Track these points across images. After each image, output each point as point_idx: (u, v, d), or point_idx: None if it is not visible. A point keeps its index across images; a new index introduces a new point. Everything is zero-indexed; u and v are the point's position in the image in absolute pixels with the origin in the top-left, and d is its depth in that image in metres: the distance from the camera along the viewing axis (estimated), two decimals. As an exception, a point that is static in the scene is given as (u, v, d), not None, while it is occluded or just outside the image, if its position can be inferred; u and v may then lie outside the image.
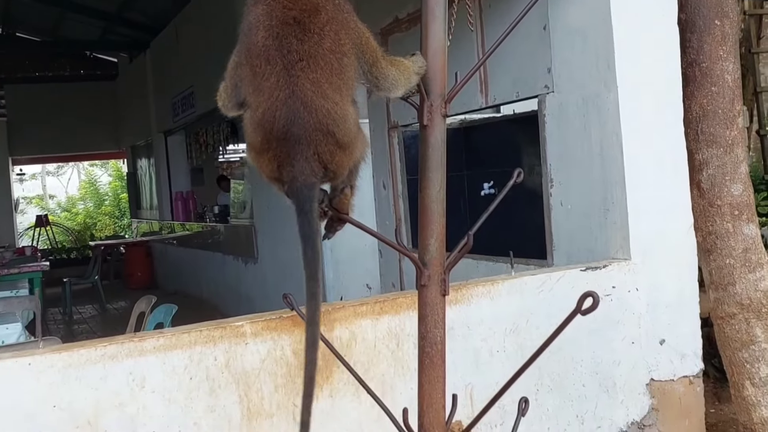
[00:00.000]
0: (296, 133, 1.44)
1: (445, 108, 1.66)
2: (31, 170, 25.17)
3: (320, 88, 1.46)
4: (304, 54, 1.47)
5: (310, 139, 1.44)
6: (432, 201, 1.63)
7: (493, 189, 5.36)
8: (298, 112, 1.45)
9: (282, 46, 1.47)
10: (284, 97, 1.46)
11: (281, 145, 1.44)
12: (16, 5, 13.46)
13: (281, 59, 1.47)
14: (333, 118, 1.46)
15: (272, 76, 1.47)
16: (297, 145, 1.44)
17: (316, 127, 1.44)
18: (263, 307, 9.56)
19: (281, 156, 1.45)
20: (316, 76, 1.47)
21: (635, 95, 3.50)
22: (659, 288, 3.56)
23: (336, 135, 1.46)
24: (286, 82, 1.45)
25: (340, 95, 1.49)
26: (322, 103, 1.46)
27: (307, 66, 1.46)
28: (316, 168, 1.44)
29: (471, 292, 3.13)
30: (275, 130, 1.45)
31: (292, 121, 1.44)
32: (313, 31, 1.48)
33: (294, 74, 1.46)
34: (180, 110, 12.12)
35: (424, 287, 1.63)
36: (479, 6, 4.44)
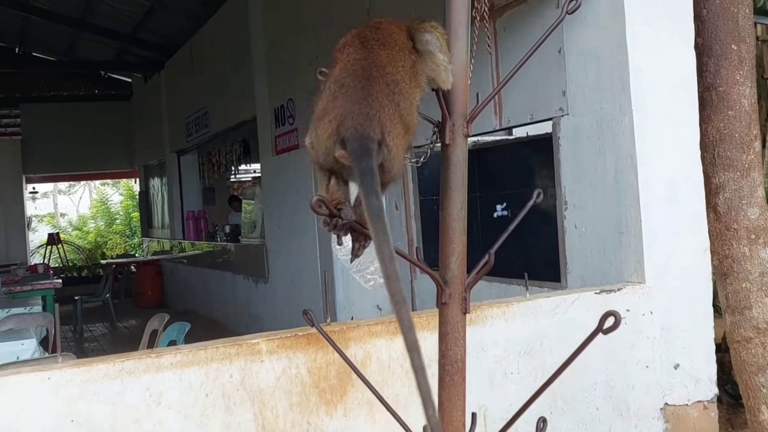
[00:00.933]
0: (365, 87, 1.43)
1: (467, 128, 1.68)
2: (43, 188, 25.30)
3: (394, 61, 1.49)
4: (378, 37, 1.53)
5: (375, 97, 1.42)
6: (453, 219, 1.64)
7: (506, 211, 5.37)
8: (370, 70, 1.45)
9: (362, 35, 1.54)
10: (360, 58, 1.48)
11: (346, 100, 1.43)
12: (32, 25, 13.64)
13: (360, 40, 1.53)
14: (401, 90, 1.45)
15: (351, 51, 1.51)
16: (363, 100, 1.42)
17: (383, 90, 1.44)
18: (273, 327, 9.55)
19: (344, 111, 1.43)
20: (391, 53, 1.50)
21: (650, 118, 3.51)
22: (673, 312, 3.56)
23: (400, 106, 1.45)
24: (362, 48, 1.50)
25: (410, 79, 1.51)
26: (394, 71, 1.47)
27: (382, 44, 1.51)
28: (375, 127, 1.42)
29: (486, 313, 3.13)
30: (345, 85, 1.45)
31: (364, 77, 1.44)
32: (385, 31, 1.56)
33: (370, 46, 1.50)
34: (193, 130, 12.21)
35: (445, 305, 1.63)
36: (494, 29, 4.47)
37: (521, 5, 4.22)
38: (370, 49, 1.52)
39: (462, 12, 1.61)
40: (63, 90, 16.80)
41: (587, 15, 3.70)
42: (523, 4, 4.21)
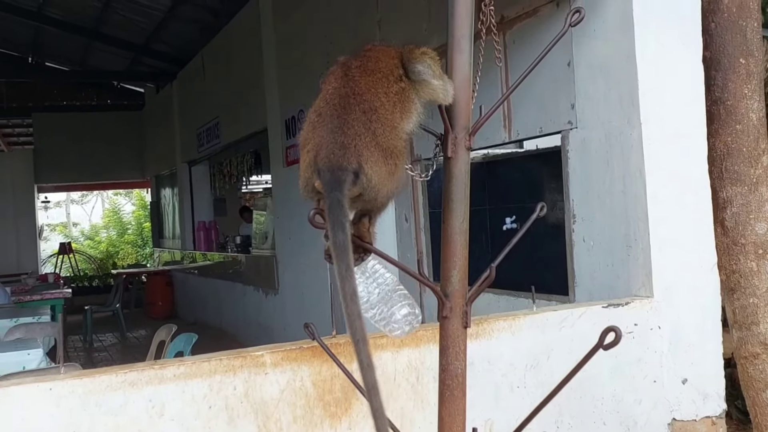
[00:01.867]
0: (340, 116, 1.45)
1: (470, 141, 1.67)
2: (56, 198, 25.49)
3: (374, 88, 1.51)
4: (360, 64, 1.55)
5: (350, 126, 1.44)
6: (455, 232, 1.64)
7: (515, 224, 5.36)
8: (347, 99, 1.47)
9: (345, 63, 1.55)
10: (338, 86, 1.50)
11: (323, 130, 1.45)
12: (45, 35, 13.75)
13: (342, 67, 1.54)
14: (378, 116, 1.47)
15: (334, 80, 1.53)
16: (338, 129, 1.44)
17: (359, 118, 1.46)
18: (282, 338, 9.56)
19: (320, 141, 1.45)
20: (372, 79, 1.52)
21: (659, 132, 3.50)
22: (682, 326, 3.53)
23: (376, 134, 1.46)
24: (342, 76, 1.52)
25: (392, 105, 1.52)
26: (372, 99, 1.49)
27: (363, 71, 1.53)
28: (350, 157, 1.42)
29: (492, 326, 3.12)
30: (323, 115, 1.47)
31: (340, 106, 1.46)
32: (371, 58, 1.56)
33: (350, 74, 1.52)
34: (205, 141, 12.26)
35: (446, 319, 1.62)
36: (504, 42, 4.47)
37: (531, 18, 4.22)
38: (350, 77, 1.54)
39: (465, 25, 1.61)
40: (75, 100, 16.91)
41: (596, 28, 3.69)
42: (533, 17, 4.20)
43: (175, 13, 10.95)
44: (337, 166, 1.43)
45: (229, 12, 10.14)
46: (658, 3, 3.48)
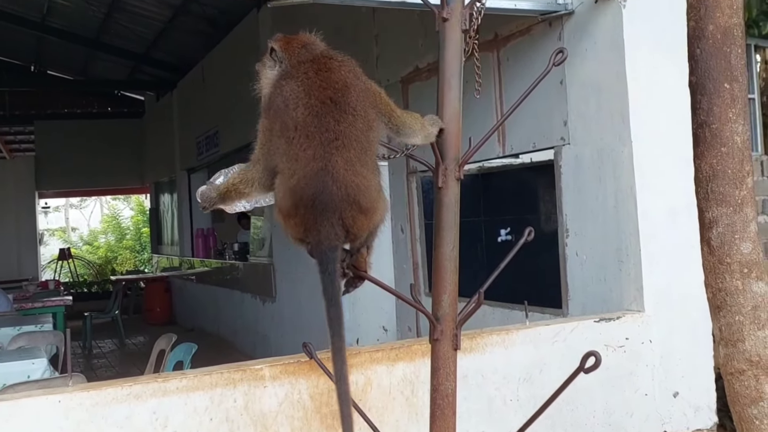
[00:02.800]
0: (324, 201, 1.56)
1: (459, 171, 1.76)
2: (55, 203, 25.52)
3: (351, 165, 1.60)
4: (339, 134, 1.61)
5: (336, 207, 1.55)
6: (445, 259, 1.72)
7: (510, 236, 5.44)
8: (327, 185, 1.57)
9: (321, 125, 1.61)
10: (317, 169, 1.59)
11: (309, 212, 1.56)
12: (48, 44, 13.83)
13: (319, 136, 1.61)
14: (360, 189, 1.59)
15: (309, 149, 1.61)
16: (324, 212, 1.55)
17: (343, 198, 1.57)
18: (279, 346, 9.62)
19: (308, 221, 1.57)
20: (349, 155, 1.60)
21: (649, 151, 3.59)
22: (673, 340, 3.61)
23: (360, 203, 1.58)
24: (321, 156, 1.59)
25: (368, 169, 1.62)
26: (352, 178, 1.59)
27: (342, 145, 1.60)
28: (339, 232, 1.56)
29: (486, 340, 3.20)
30: (305, 198, 1.57)
31: (321, 192, 1.56)
32: (347, 111, 1.63)
33: (329, 151, 1.60)
34: (204, 149, 12.33)
35: (437, 341, 1.71)
36: (497, 59, 4.56)
37: (524, 36, 4.31)
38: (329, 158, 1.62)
39: (454, 63, 1.70)
40: (77, 107, 16.98)
41: (588, 48, 3.78)
42: (526, 35, 4.29)
43: (176, 24, 11.03)
44: (328, 249, 1.58)
45: (229, 23, 10.23)
46: (647, 27, 3.58)
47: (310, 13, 6.18)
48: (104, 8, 11.01)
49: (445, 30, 1.71)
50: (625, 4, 3.57)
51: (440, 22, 1.72)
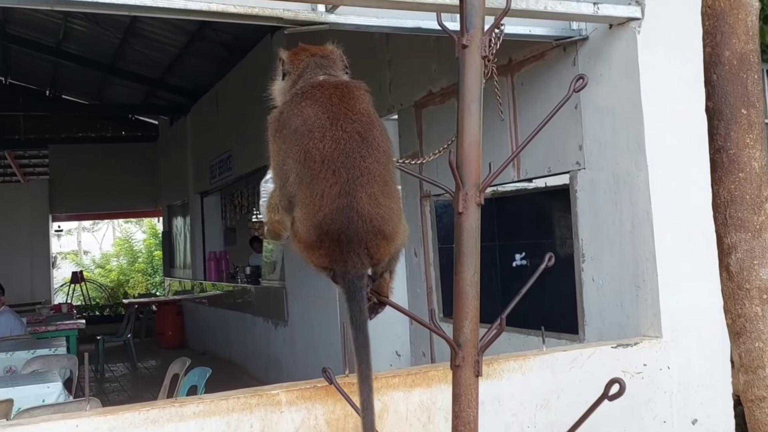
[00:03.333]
0: (350, 235, 1.57)
1: (480, 197, 1.75)
2: (67, 226, 25.66)
3: (375, 199, 1.61)
4: (364, 170, 1.63)
5: (361, 239, 1.56)
6: (467, 285, 1.71)
7: (525, 260, 5.42)
8: (353, 220, 1.58)
9: (347, 161, 1.63)
10: (343, 205, 1.59)
11: (334, 244, 1.57)
12: (63, 69, 13.99)
13: (346, 172, 1.62)
14: (384, 219, 1.60)
15: (336, 185, 1.61)
16: (350, 244, 1.56)
17: (368, 230, 1.58)
18: (291, 370, 9.63)
19: (334, 253, 1.58)
20: (373, 190, 1.61)
21: (665, 176, 3.57)
22: (691, 367, 3.57)
23: (384, 231, 1.59)
24: (347, 193, 1.60)
25: (389, 198, 1.63)
26: (376, 210, 1.60)
27: (366, 182, 1.62)
28: (365, 260, 1.57)
29: (503, 366, 3.17)
30: (331, 232, 1.58)
31: (348, 227, 1.57)
32: (372, 146, 1.64)
33: (354, 188, 1.61)
34: (217, 172, 12.40)
35: (459, 368, 1.70)
36: (512, 83, 4.58)
37: (538, 61, 4.32)
38: (354, 194, 1.64)
39: (474, 89, 1.70)
40: (91, 131, 17.14)
41: (602, 72, 3.79)
42: (540, 60, 4.31)
43: (191, 49, 11.15)
44: (356, 278, 1.58)
45: (243, 48, 10.33)
46: (662, 52, 3.58)
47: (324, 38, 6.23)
48: (120, 34, 11.15)
49: (465, 56, 1.71)
50: (639, 30, 3.57)
51: (460, 49, 1.72)
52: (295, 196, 1.68)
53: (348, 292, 1.59)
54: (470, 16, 1.71)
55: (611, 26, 3.68)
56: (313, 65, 1.91)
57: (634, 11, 3.53)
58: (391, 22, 3.32)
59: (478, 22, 1.71)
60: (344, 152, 1.64)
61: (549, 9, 3.31)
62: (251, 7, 2.98)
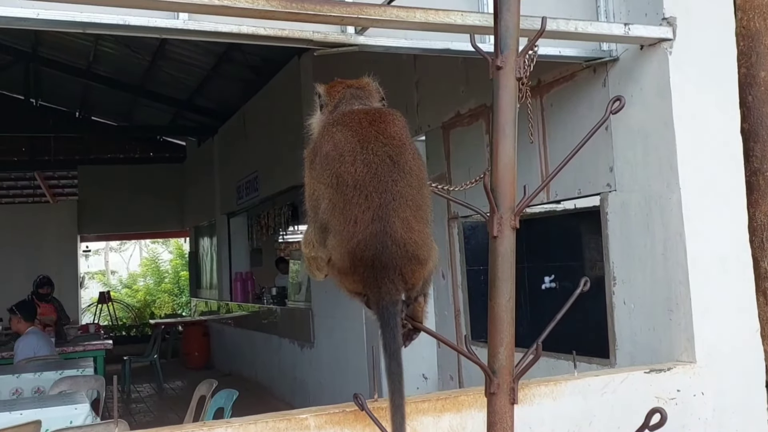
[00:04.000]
0: (384, 261, 1.55)
1: (515, 220, 1.73)
2: (95, 246, 25.90)
3: (408, 223, 1.59)
4: (396, 195, 1.61)
5: (395, 265, 1.55)
6: (502, 310, 1.68)
7: (554, 283, 5.36)
8: (387, 246, 1.56)
9: (379, 185, 1.61)
10: (377, 231, 1.58)
11: (368, 271, 1.55)
12: (93, 91, 14.18)
13: (378, 197, 1.60)
14: (417, 245, 1.58)
15: (369, 211, 1.60)
16: (384, 270, 1.54)
17: (402, 255, 1.56)
18: (317, 392, 9.60)
19: (368, 279, 1.56)
20: (405, 214, 1.60)
21: (699, 198, 3.52)
22: (726, 393, 3.50)
23: (419, 256, 1.56)
24: (380, 218, 1.58)
25: (422, 223, 1.61)
26: (410, 235, 1.58)
27: (398, 206, 1.60)
28: (399, 286, 1.55)
29: (533, 391, 3.13)
30: (365, 258, 1.56)
31: (382, 252, 1.55)
32: (404, 170, 1.63)
33: (387, 213, 1.59)
34: (244, 193, 12.47)
35: (494, 395, 1.66)
36: (540, 105, 4.55)
37: (568, 82, 4.29)
38: (387, 219, 1.62)
39: (509, 111, 1.68)
40: (119, 153, 17.33)
41: (634, 94, 3.75)
42: (570, 81, 4.28)
43: (219, 71, 11.25)
44: (390, 303, 1.57)
45: (271, 70, 10.40)
46: (695, 73, 3.54)
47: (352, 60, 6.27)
48: (149, 56, 11.28)
49: (499, 78, 1.70)
50: (671, 50, 3.54)
51: (494, 70, 1.70)
52: (328, 223, 1.67)
53: (382, 318, 1.57)
54: (504, 38, 1.69)
55: (642, 47, 3.65)
56: (349, 96, 1.91)
57: (665, 32, 3.50)
58: (420, 44, 3.31)
59: (512, 44, 1.69)
60: (376, 176, 1.63)
61: (580, 30, 3.29)
62: (281, 29, 2.99)
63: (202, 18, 2.91)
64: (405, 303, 1.66)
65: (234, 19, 2.89)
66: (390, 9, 2.90)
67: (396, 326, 1.56)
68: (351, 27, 3.14)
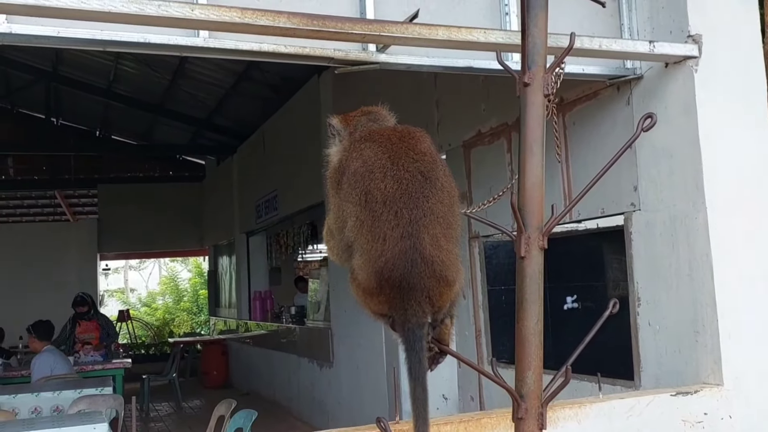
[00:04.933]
0: (412, 282, 1.51)
1: (543, 240, 1.69)
2: (114, 264, 26.03)
3: (437, 241, 1.55)
4: (427, 211, 1.57)
5: (423, 286, 1.51)
6: (530, 333, 1.64)
7: (576, 303, 5.29)
8: (416, 264, 1.52)
9: (410, 201, 1.57)
10: (406, 248, 1.54)
11: (395, 291, 1.51)
12: (113, 110, 14.30)
13: (408, 213, 1.56)
14: (446, 265, 1.54)
15: (398, 228, 1.55)
16: (411, 291, 1.51)
17: (430, 275, 1.52)
18: (336, 413, 9.53)
19: (394, 300, 1.52)
20: (435, 231, 1.56)
21: (725, 217, 3.46)
22: (754, 417, 3.42)
23: (447, 278, 1.53)
24: (410, 234, 1.54)
25: (452, 243, 1.57)
26: (438, 254, 1.54)
27: (429, 222, 1.56)
28: (426, 308, 1.51)
29: (558, 414, 3.07)
30: (392, 278, 1.52)
31: (410, 272, 1.51)
32: (436, 187, 1.59)
33: (417, 229, 1.55)
34: (263, 212, 12.47)
35: (521, 420, 1.62)
36: (563, 123, 4.51)
37: (591, 101, 4.26)
38: (417, 236, 1.59)
39: (536, 131, 1.65)
40: (139, 171, 17.42)
41: (659, 112, 3.70)
42: (593, 99, 4.24)
43: (238, 89, 11.30)
44: (416, 326, 1.53)
45: (290, 89, 10.43)
46: (722, 90, 3.50)
47: (372, 78, 6.28)
48: (169, 75, 11.35)
49: (527, 95, 1.66)
50: (696, 68, 3.49)
51: (521, 87, 1.67)
52: (354, 242, 1.62)
53: (407, 341, 1.52)
54: (532, 54, 1.66)
55: (667, 65, 3.61)
56: (365, 120, 1.88)
57: (691, 50, 3.46)
58: (442, 62, 3.28)
59: (540, 60, 1.66)
60: (407, 192, 1.58)
61: (604, 48, 3.25)
62: (302, 47, 2.98)
63: (222, 36, 2.90)
64: (431, 325, 1.62)
65: (255, 37, 2.88)
66: (412, 26, 2.88)
67: (422, 350, 1.51)
68: (372, 45, 3.12)
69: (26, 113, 15.24)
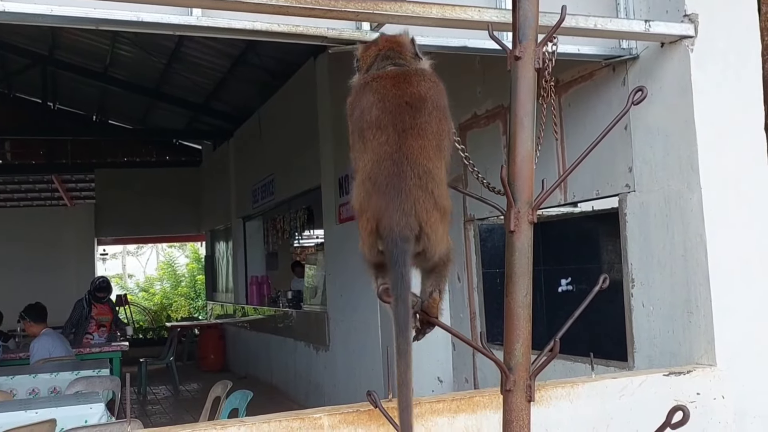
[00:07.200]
0: (397, 185, 1.51)
1: (533, 215, 1.69)
2: (112, 250, 26.05)
3: (425, 150, 1.57)
4: (414, 125, 1.61)
5: (409, 192, 1.51)
6: (518, 306, 1.64)
7: (571, 285, 5.30)
8: (402, 165, 1.54)
9: (395, 118, 1.61)
10: (391, 151, 1.56)
11: (381, 198, 1.51)
12: (110, 95, 14.26)
13: (393, 126, 1.60)
14: (433, 177, 1.55)
15: (382, 136, 1.59)
16: (397, 197, 1.50)
17: (416, 183, 1.52)
18: (332, 395, 9.57)
19: (380, 208, 1.52)
20: (423, 142, 1.58)
21: (720, 197, 3.46)
22: (747, 397, 3.43)
23: (434, 194, 1.53)
24: (395, 140, 1.57)
25: (441, 163, 1.58)
26: (425, 162, 1.55)
27: (416, 133, 1.59)
28: (412, 223, 1.50)
29: (550, 393, 3.08)
30: (378, 183, 1.53)
31: (395, 173, 1.52)
32: (423, 113, 1.62)
33: (403, 136, 1.58)
34: (260, 197, 12.47)
35: (510, 392, 1.62)
36: (559, 104, 4.50)
37: (586, 82, 4.24)
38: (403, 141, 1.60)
39: (527, 102, 1.64)
40: (136, 156, 17.41)
41: (653, 92, 3.69)
42: (588, 80, 4.23)
43: (234, 74, 11.26)
44: (400, 237, 1.50)
45: (287, 73, 10.40)
46: (717, 70, 3.49)
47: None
48: (165, 58, 11.32)
49: (518, 68, 1.66)
50: (692, 48, 3.48)
51: (512, 61, 1.67)
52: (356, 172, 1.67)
53: (390, 255, 1.49)
54: (523, 28, 1.66)
55: (663, 45, 3.60)
56: (381, 57, 1.92)
57: (687, 29, 3.45)
58: (436, 41, 3.27)
59: (531, 34, 1.65)
60: (391, 113, 1.65)
61: (599, 27, 3.24)
62: (295, 25, 2.96)
63: (215, 14, 2.89)
64: (419, 298, 1.62)
65: (248, 15, 2.87)
66: (406, 4, 2.87)
67: (405, 265, 1.47)
68: (366, 23, 3.10)
69: (23, 98, 15.19)
